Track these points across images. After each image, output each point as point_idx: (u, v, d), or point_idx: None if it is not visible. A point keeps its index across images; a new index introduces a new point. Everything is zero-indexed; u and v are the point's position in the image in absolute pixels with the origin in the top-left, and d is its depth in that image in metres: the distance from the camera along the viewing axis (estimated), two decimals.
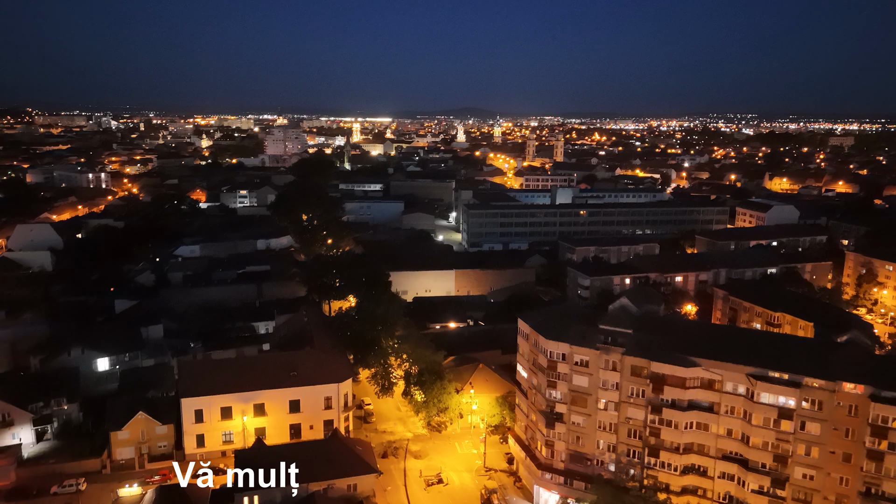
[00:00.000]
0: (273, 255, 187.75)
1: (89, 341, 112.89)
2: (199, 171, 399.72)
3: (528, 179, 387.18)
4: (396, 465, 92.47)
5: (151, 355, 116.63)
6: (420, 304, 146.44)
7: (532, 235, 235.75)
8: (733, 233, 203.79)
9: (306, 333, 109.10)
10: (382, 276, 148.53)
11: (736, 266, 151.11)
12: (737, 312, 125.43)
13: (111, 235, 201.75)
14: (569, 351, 77.34)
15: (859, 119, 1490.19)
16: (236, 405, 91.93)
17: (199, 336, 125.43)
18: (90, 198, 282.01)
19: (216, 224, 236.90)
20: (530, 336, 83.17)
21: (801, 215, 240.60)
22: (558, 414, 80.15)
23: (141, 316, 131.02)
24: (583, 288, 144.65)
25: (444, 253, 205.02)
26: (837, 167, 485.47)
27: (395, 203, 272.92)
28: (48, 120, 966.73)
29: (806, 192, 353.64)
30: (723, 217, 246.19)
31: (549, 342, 78.50)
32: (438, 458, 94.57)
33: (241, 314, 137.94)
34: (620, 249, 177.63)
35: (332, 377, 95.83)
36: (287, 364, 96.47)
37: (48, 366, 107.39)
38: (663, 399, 74.02)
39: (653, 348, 74.09)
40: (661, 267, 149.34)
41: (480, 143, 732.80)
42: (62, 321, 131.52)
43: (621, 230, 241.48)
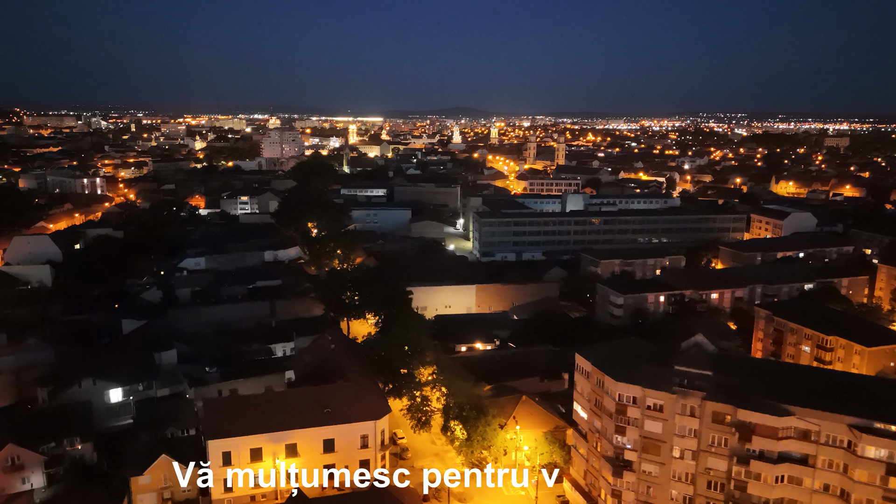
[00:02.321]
0: (282, 268, 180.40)
1: (100, 370, 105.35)
2: (195, 174, 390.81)
3: (533, 184, 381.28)
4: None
5: (166, 384, 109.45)
6: (443, 323, 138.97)
7: (545, 244, 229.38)
8: (759, 244, 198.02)
9: (334, 362, 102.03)
10: (403, 293, 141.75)
11: (772, 282, 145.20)
12: (782, 334, 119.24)
13: (111, 246, 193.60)
14: (641, 394, 70.83)
15: (849, 119, 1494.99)
16: (267, 446, 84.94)
17: (214, 361, 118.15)
18: (86, 204, 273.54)
19: (219, 233, 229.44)
20: (592, 374, 76.58)
21: (818, 222, 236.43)
22: (627, 462, 73.65)
23: (152, 339, 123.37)
24: (615, 306, 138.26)
25: (458, 265, 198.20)
26: (838, 169, 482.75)
27: (401, 210, 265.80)
28: (37, 121, 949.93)
29: (814, 197, 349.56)
30: (740, 225, 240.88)
31: (618, 384, 71.95)
32: (484, 501, 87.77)
33: (257, 335, 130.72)
34: (646, 262, 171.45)
35: (368, 414, 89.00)
36: (319, 400, 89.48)
37: (57, 398, 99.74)
38: (750, 450, 67.60)
39: (737, 393, 67.67)
40: (696, 283, 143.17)
41: (477, 145, 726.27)
42: (66, 343, 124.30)
43: (636, 238, 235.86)
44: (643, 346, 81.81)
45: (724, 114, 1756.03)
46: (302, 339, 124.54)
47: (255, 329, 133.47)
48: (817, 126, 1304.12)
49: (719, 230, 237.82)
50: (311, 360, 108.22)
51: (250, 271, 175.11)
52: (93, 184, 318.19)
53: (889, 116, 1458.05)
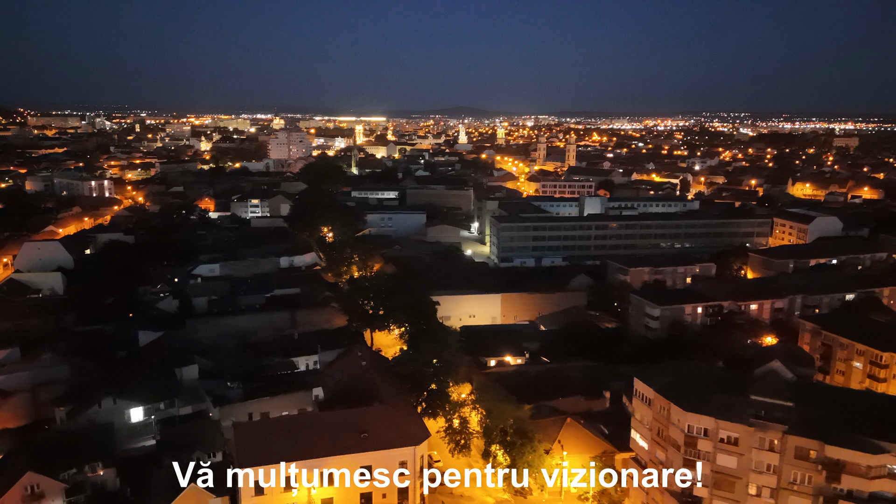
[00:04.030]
0: (299, 276, 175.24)
1: (120, 387, 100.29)
2: (203, 176, 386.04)
3: (545, 186, 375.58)
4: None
5: (188, 402, 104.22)
6: (470, 335, 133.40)
7: (565, 250, 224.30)
8: (791, 250, 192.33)
9: (367, 381, 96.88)
10: (429, 303, 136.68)
11: (811, 292, 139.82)
12: (831, 349, 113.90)
13: (122, 252, 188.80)
14: (713, 426, 65.71)
15: (853, 118, 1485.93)
16: (300, 474, 79.77)
17: (236, 376, 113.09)
18: (94, 208, 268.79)
19: (231, 238, 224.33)
20: (655, 402, 71.44)
21: (844, 226, 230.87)
22: (696, 498, 68.50)
23: (170, 352, 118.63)
24: (651, 318, 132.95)
25: (479, 272, 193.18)
26: (850, 170, 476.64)
27: (416, 214, 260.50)
28: (41, 121, 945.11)
29: (832, 199, 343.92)
30: (765, 230, 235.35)
31: (687, 414, 66.82)
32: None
33: (279, 348, 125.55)
34: (676, 271, 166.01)
35: (406, 439, 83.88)
36: (355, 424, 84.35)
37: (76, 419, 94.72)
38: (839, 489, 62.52)
39: (823, 427, 62.53)
40: (733, 293, 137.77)
41: (483, 145, 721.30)
42: (82, 357, 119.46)
43: (658, 244, 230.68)
44: (708, 371, 76.60)
45: (726, 113, 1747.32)
46: (327, 352, 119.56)
47: (278, 341, 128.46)
48: (821, 125, 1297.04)
49: (743, 235, 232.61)
50: (341, 377, 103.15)
51: (267, 279, 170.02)
52: (100, 186, 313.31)
53: (895, 116, 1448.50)
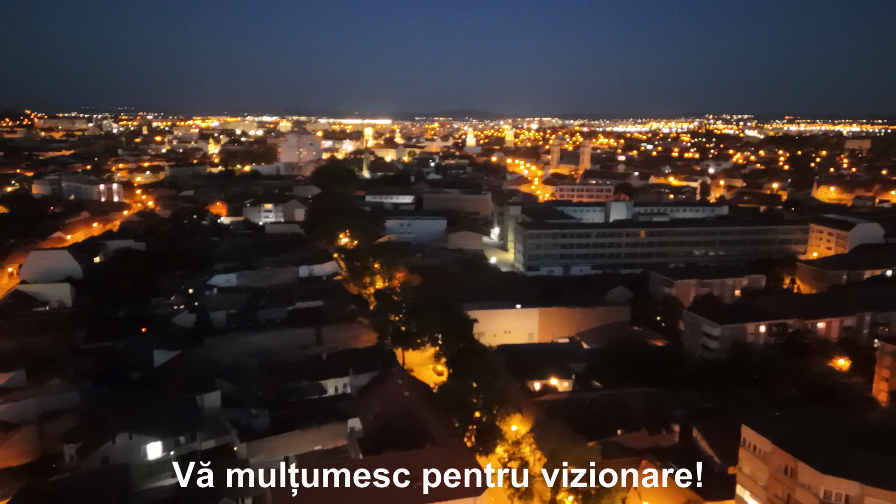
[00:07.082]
0: (321, 287, 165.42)
1: (136, 420, 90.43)
2: (213, 180, 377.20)
3: (562, 190, 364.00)
4: None
5: (211, 434, 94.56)
6: (509, 355, 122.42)
7: (594, 258, 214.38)
8: (842, 261, 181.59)
9: (413, 416, 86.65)
10: (466, 321, 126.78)
11: (882, 309, 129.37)
12: None
13: (134, 261, 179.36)
14: (858, 493, 55.43)
15: (857, 120, 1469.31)
16: None
17: (261, 402, 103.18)
18: (103, 213, 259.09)
19: (246, 245, 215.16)
20: (773, 457, 61.18)
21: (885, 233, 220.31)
22: None
23: (190, 376, 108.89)
24: (710, 338, 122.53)
25: (508, 282, 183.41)
26: (868, 173, 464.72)
27: (436, 220, 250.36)
28: (48, 123, 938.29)
29: (860, 204, 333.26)
30: (803, 237, 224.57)
31: (824, 477, 56.54)
32: None
33: (306, 370, 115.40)
34: (725, 283, 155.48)
35: (465, 489, 73.35)
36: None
37: (87, 458, 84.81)
38: None
39: None
40: (797, 310, 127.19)
41: (492, 148, 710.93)
42: (93, 381, 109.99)
43: (692, 251, 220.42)
44: (836, 420, 65.62)
45: (730, 115, 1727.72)
46: (360, 376, 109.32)
47: (304, 362, 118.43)
48: (827, 127, 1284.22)
49: (780, 242, 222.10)
50: (381, 409, 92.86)
51: (287, 290, 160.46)
52: (109, 190, 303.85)
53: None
